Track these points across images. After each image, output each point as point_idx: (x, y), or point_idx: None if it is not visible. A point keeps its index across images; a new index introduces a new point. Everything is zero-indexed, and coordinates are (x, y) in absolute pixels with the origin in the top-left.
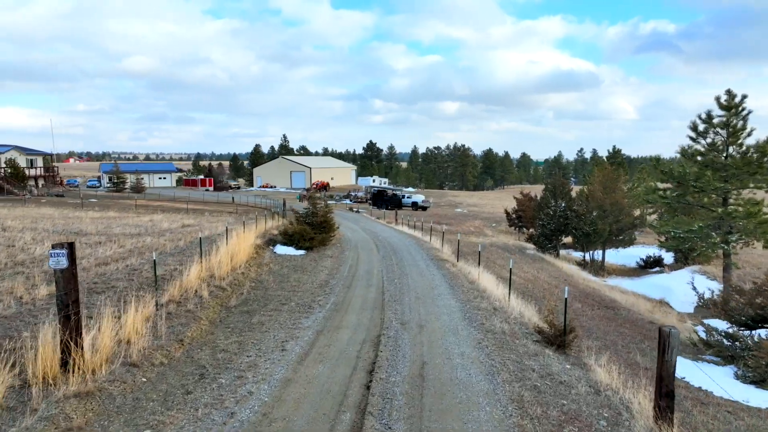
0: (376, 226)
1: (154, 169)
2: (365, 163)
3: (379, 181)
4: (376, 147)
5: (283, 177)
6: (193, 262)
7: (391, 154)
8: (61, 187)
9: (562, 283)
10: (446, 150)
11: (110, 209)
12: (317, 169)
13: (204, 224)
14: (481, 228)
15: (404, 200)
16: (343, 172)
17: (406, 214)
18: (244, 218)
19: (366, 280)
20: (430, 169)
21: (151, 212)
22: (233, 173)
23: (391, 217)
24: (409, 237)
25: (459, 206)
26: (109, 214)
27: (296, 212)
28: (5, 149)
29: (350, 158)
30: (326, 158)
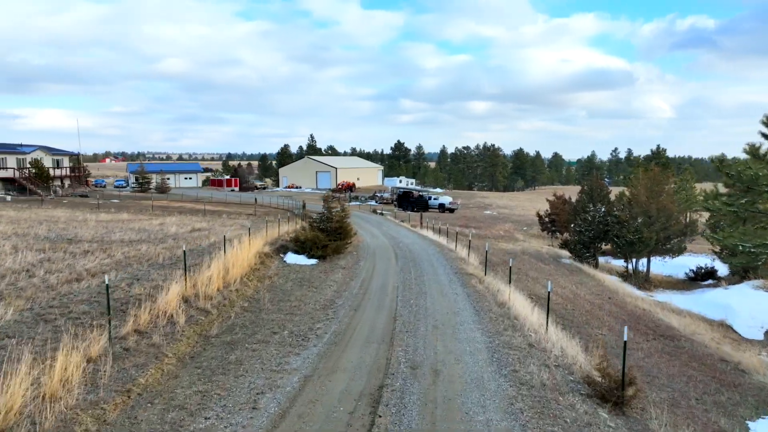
0: (398, 230)
1: (180, 169)
2: (393, 164)
3: (405, 181)
4: (403, 147)
5: (308, 177)
6: (180, 278)
7: (419, 154)
8: (87, 187)
9: (606, 302)
10: (475, 150)
11: (126, 211)
12: (343, 169)
13: (216, 228)
14: (511, 232)
15: (431, 202)
16: (369, 173)
17: (432, 217)
18: (261, 221)
19: (378, 300)
20: (458, 169)
21: (166, 214)
22: (261, 173)
23: (416, 220)
24: (433, 244)
25: (488, 208)
26: (120, 217)
27: (310, 216)
28: (31, 149)
29: (378, 158)
30: (352, 158)
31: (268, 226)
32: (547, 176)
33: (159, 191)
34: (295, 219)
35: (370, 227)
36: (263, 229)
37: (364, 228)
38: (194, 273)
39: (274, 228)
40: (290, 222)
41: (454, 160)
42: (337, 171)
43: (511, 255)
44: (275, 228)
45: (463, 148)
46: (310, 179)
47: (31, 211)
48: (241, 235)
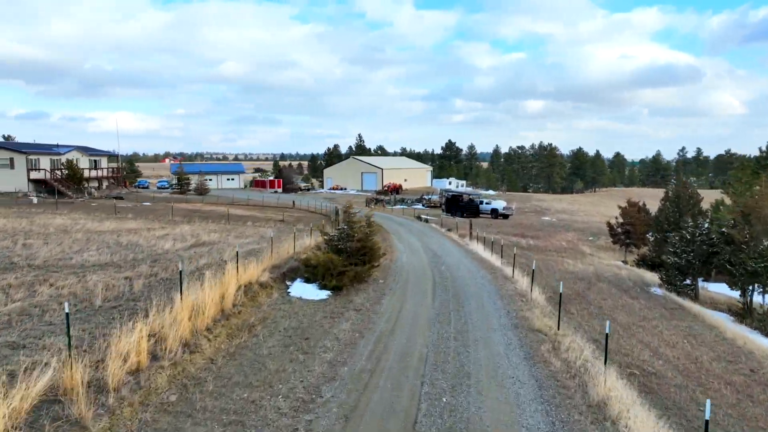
0: (443, 243)
1: (222, 170)
2: (443, 164)
3: (455, 183)
4: (455, 147)
5: (354, 178)
6: (109, 335)
7: (471, 154)
8: (126, 188)
9: (754, 381)
10: (531, 149)
11: (143, 217)
12: (389, 170)
13: (227, 241)
14: (575, 243)
15: (482, 207)
16: (417, 174)
17: (483, 224)
18: (289, 230)
19: (392, 385)
20: (513, 169)
21: (185, 221)
22: (310, 174)
23: (465, 228)
24: (484, 265)
25: (546, 213)
26: (127, 225)
27: (325, 235)
28: (66, 150)
29: (428, 158)
30: (400, 158)
31: (290, 238)
32: (608, 177)
33: (197, 193)
34: (329, 226)
35: (409, 238)
36: (285, 242)
37: (403, 239)
38: (121, 331)
39: (299, 239)
40: (321, 231)
41: (507, 160)
42: (383, 172)
43: (583, 280)
44: (300, 239)
45: (517, 148)
46: (356, 180)
47: (29, 218)
48: (253, 251)
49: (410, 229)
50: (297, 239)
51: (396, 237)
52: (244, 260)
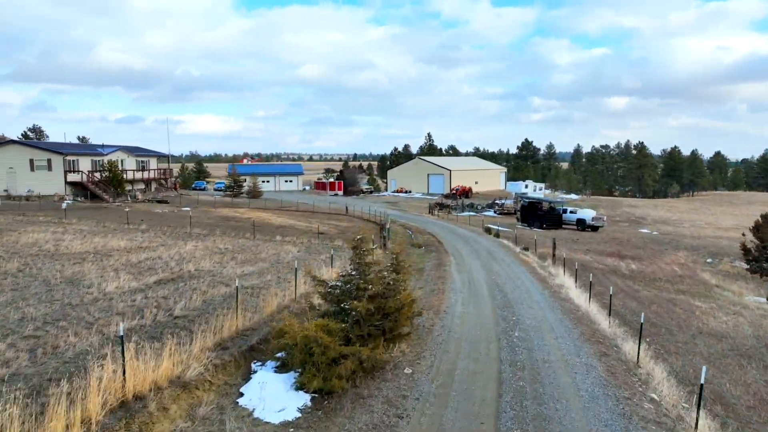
0: (519, 275)
1: (280, 172)
2: (519, 164)
3: (532, 186)
4: (532, 146)
5: (419, 180)
6: None
7: (550, 154)
8: (175, 191)
9: None
10: (616, 149)
11: (154, 230)
12: (458, 171)
13: (211, 276)
14: (691, 269)
15: (566, 216)
16: (489, 175)
17: (568, 237)
18: (322, 249)
19: None
20: (596, 170)
21: (199, 236)
22: (379, 174)
23: (546, 245)
24: (583, 327)
25: (642, 223)
26: (114, 244)
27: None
28: (110, 150)
29: (503, 158)
30: (470, 159)
31: (312, 264)
32: (707, 180)
33: (249, 196)
34: (378, 242)
35: (472, 264)
36: (302, 271)
37: (464, 265)
38: None
39: (326, 264)
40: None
41: (590, 161)
42: (451, 173)
43: (747, 357)
44: (326, 266)
45: (600, 147)
46: (421, 183)
47: (6, 233)
48: (257, 289)
49: (475, 247)
50: (321, 267)
51: (455, 260)
52: (193, 322)
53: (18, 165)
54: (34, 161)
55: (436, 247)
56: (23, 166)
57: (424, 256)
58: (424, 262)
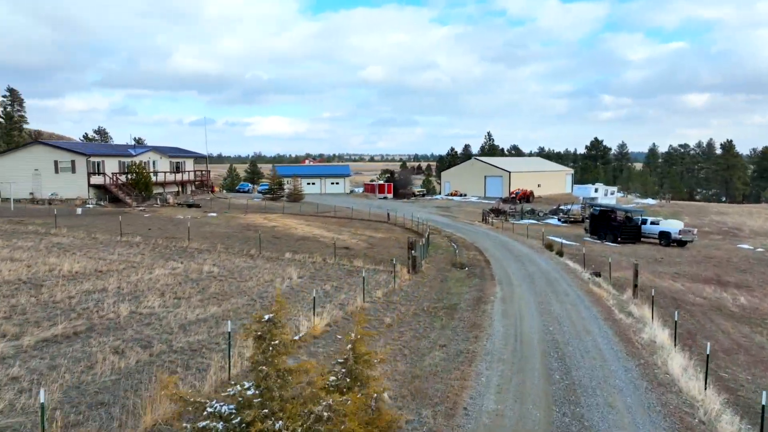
0: (587, 320)
1: (326, 173)
2: (587, 165)
3: (603, 190)
4: (602, 145)
5: (475, 183)
6: None
7: (622, 154)
8: (212, 193)
9: None
10: (696, 148)
11: (150, 244)
12: (518, 173)
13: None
14: None
15: (646, 228)
16: (554, 178)
17: (648, 255)
18: (334, 271)
19: None
20: (674, 172)
21: (193, 253)
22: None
23: (624, 268)
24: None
25: (738, 235)
26: (96, 263)
27: None
28: (141, 150)
29: (569, 159)
30: (533, 159)
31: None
32: None
33: (290, 199)
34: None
35: (523, 298)
36: (291, 312)
37: (510, 301)
38: None
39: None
40: (382, 285)
41: (667, 161)
42: (511, 175)
43: None
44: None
45: (679, 146)
46: (477, 185)
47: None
48: (189, 353)
49: (531, 270)
50: (301, 316)
51: (501, 293)
52: None
53: (43, 167)
54: (58, 163)
55: (481, 270)
56: (48, 167)
57: (464, 284)
58: (461, 295)
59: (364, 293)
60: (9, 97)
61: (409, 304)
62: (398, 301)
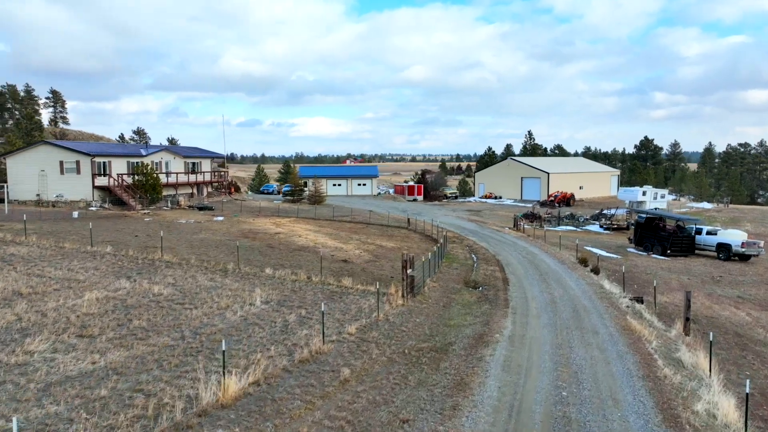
0: (618, 377)
1: (353, 174)
2: (635, 166)
3: (652, 192)
4: (652, 145)
5: (511, 185)
6: None
7: (674, 154)
8: (230, 195)
9: None
10: (758, 147)
11: (122, 253)
12: (558, 174)
13: None
14: None
15: (701, 238)
16: (598, 179)
17: (706, 272)
18: (312, 294)
19: None
20: (734, 173)
21: (154, 270)
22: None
23: (673, 290)
24: None
25: None
26: (14, 285)
27: None
28: (153, 150)
29: (617, 159)
30: (575, 159)
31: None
32: None
33: (311, 201)
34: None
35: (537, 337)
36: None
37: (521, 341)
38: None
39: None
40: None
41: (725, 161)
42: (549, 177)
43: None
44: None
45: (738, 146)
46: (513, 187)
47: None
48: None
49: (556, 295)
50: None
51: (512, 326)
52: None
53: (49, 167)
54: (63, 163)
55: (495, 292)
56: (54, 168)
57: (469, 312)
58: (460, 329)
59: (323, 331)
60: (52, 98)
61: (388, 342)
62: (375, 339)
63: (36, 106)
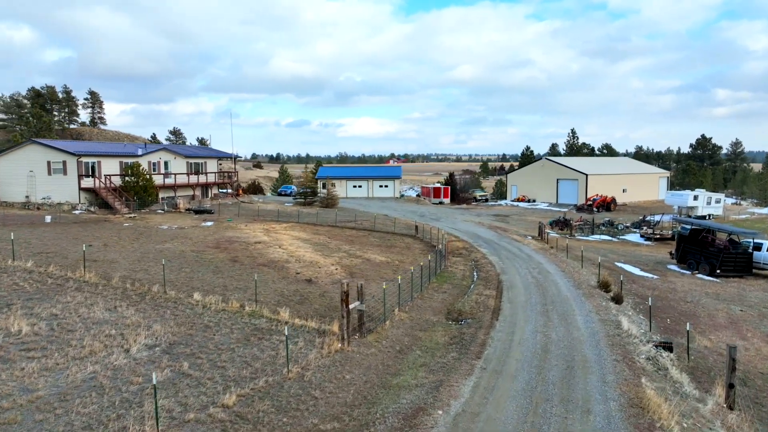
0: None
1: (374, 175)
2: (690, 167)
3: (704, 197)
4: (710, 144)
5: (546, 187)
6: None
7: (735, 154)
8: (238, 197)
9: None
10: None
11: (44, 268)
12: (598, 175)
13: None
14: None
15: (761, 255)
16: (644, 182)
17: (765, 299)
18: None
19: None
20: None
21: (53, 295)
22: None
23: (720, 327)
24: None
25: None
26: None
27: None
28: (151, 149)
29: (671, 159)
30: (619, 160)
31: None
32: None
33: (323, 204)
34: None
35: (500, 412)
36: None
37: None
38: None
39: None
40: None
41: None
42: (588, 178)
43: None
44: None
45: None
46: (549, 189)
47: None
48: None
49: (554, 336)
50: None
51: (468, 395)
52: None
53: (37, 168)
54: (51, 164)
55: (475, 330)
56: (42, 169)
57: (427, 363)
58: (402, 394)
59: (156, 414)
60: (90, 99)
61: (274, 424)
62: (257, 418)
63: (74, 107)
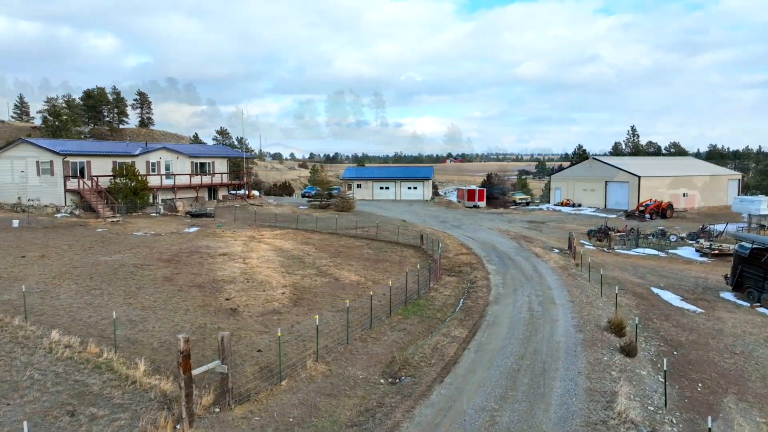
0: None
1: (403, 176)
2: (765, 169)
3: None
4: None
5: (593, 190)
6: None
7: None
8: (249, 199)
9: None
10: None
11: None
12: (652, 178)
13: None
14: None
15: None
16: (710, 185)
17: None
18: None
19: None
20: None
21: None
22: None
23: None
24: None
25: None
26: None
27: None
28: (150, 149)
29: (750, 158)
30: (681, 160)
31: None
32: None
33: (338, 208)
34: None
35: None
36: None
37: None
38: None
39: None
40: None
41: None
42: (640, 181)
43: None
44: None
45: None
46: (596, 193)
47: None
48: None
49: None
50: None
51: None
52: None
53: (28, 168)
54: (39, 164)
55: (399, 401)
56: (32, 169)
57: None
58: None
59: None
60: (138, 100)
61: None
62: None
63: (123, 107)
